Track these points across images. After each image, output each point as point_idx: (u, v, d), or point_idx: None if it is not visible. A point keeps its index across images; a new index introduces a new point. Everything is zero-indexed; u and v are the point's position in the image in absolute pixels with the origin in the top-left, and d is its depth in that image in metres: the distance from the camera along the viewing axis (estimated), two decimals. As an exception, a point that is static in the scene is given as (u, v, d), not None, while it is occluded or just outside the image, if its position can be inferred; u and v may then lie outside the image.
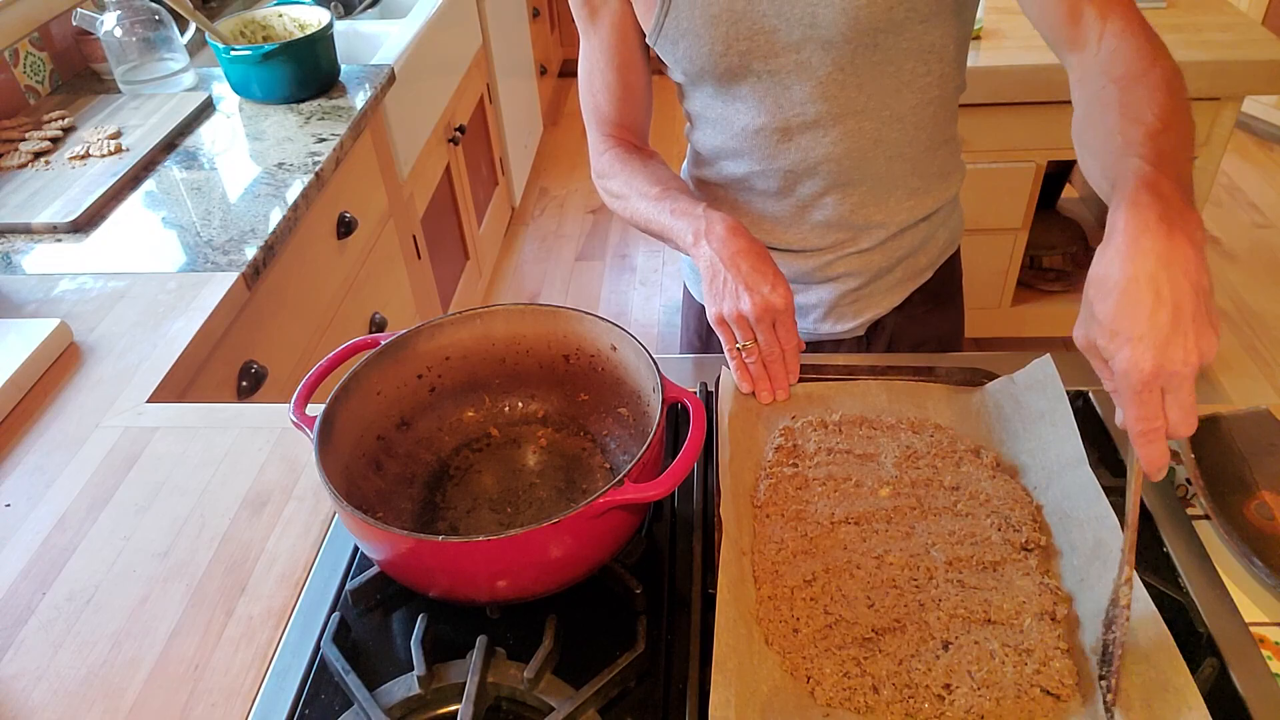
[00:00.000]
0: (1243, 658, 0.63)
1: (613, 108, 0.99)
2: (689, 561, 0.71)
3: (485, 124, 2.68)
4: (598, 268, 2.89)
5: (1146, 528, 0.73)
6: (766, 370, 0.83)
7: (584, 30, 0.96)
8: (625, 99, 0.98)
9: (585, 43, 0.97)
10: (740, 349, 0.82)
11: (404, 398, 0.79)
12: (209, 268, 1.15)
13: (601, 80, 0.97)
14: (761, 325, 0.80)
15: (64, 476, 0.85)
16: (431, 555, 0.62)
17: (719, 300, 0.82)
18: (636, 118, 1.00)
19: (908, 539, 0.71)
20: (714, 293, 0.82)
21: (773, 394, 0.84)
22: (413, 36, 1.93)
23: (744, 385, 0.84)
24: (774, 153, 0.93)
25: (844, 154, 0.92)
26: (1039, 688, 0.60)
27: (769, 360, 0.82)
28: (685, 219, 0.86)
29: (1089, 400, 0.86)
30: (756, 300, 0.79)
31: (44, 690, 0.67)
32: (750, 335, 0.81)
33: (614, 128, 1.00)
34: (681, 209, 0.87)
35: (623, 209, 0.97)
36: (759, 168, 0.95)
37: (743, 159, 0.96)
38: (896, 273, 1.04)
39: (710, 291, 0.83)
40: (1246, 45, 1.79)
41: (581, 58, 0.98)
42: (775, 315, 0.80)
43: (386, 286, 1.76)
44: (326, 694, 0.65)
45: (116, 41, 1.58)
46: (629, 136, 1.00)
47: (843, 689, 0.61)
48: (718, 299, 0.82)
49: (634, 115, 1.00)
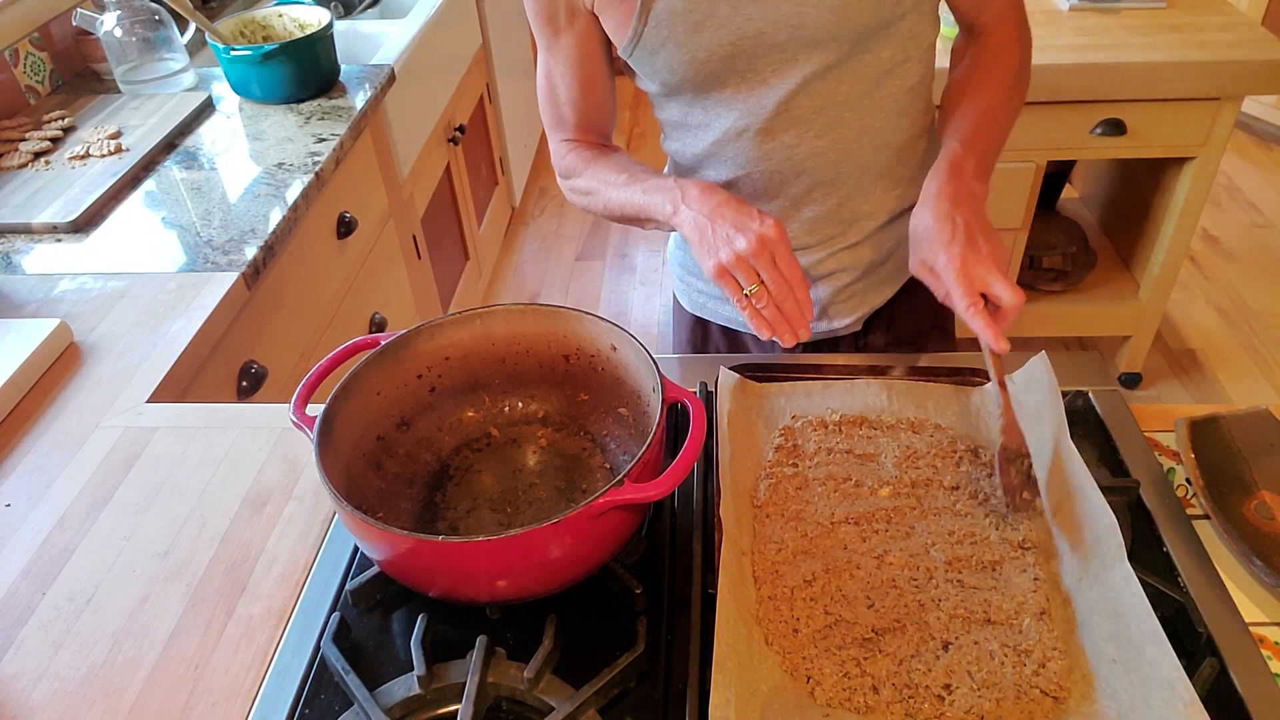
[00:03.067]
0: (1243, 658, 0.63)
1: (575, 117, 0.97)
2: (689, 561, 0.71)
3: (485, 124, 2.68)
4: (598, 268, 2.89)
5: (1147, 528, 0.73)
6: (780, 311, 0.80)
7: (545, 44, 0.93)
8: (589, 108, 0.97)
9: (545, 55, 0.94)
10: (748, 294, 0.80)
11: (404, 398, 0.79)
12: (209, 268, 1.15)
13: (566, 93, 0.95)
14: (760, 260, 0.78)
15: (64, 476, 0.85)
16: (431, 555, 0.62)
17: (714, 252, 0.80)
18: (601, 122, 0.99)
19: (908, 539, 0.71)
20: (706, 247, 0.81)
21: (795, 335, 0.80)
22: (413, 36, 1.93)
23: (763, 332, 0.81)
24: (757, 155, 0.92)
25: (828, 147, 0.92)
26: (1038, 689, 0.60)
27: (780, 299, 0.79)
28: (660, 194, 0.86)
29: (1089, 399, 0.86)
30: (750, 237, 0.78)
31: (44, 690, 0.67)
32: (753, 277, 0.79)
33: (577, 133, 0.99)
34: (654, 185, 0.87)
35: (593, 204, 0.96)
36: (743, 171, 0.94)
37: (725, 164, 0.94)
38: (889, 265, 1.04)
39: (702, 249, 0.81)
40: (1246, 45, 1.79)
41: (540, 68, 0.96)
42: (772, 248, 0.78)
43: (386, 286, 1.76)
44: (326, 694, 0.65)
45: (116, 41, 1.58)
46: (591, 139, 1.00)
47: (843, 689, 0.61)
48: (712, 251, 0.80)
49: (598, 120, 0.99)
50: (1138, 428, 0.82)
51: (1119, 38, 1.82)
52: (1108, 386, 0.87)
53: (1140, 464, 0.79)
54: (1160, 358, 2.34)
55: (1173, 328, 2.43)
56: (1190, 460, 0.76)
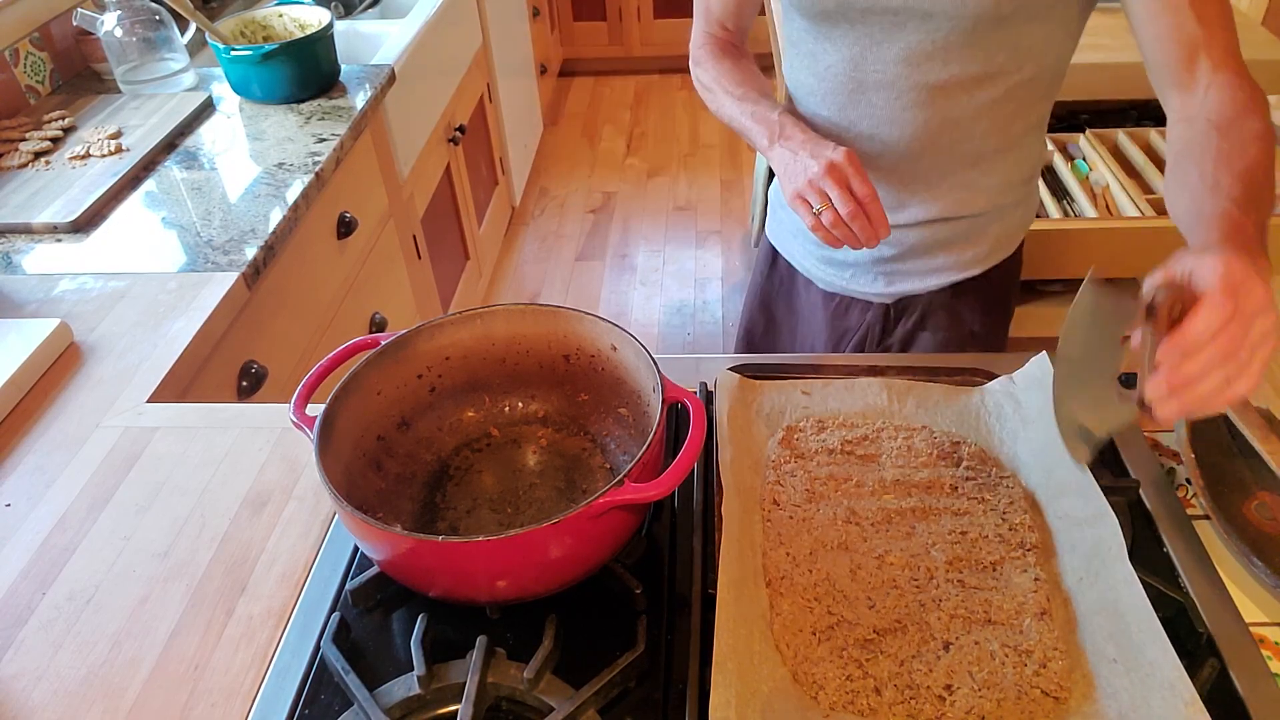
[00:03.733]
0: (1243, 658, 0.63)
1: (721, 11, 1.06)
2: (689, 561, 0.71)
3: (485, 124, 2.68)
4: (598, 268, 2.89)
5: (1147, 528, 0.73)
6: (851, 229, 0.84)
7: None
8: (734, 6, 1.05)
9: None
10: (816, 213, 0.84)
11: (404, 398, 0.79)
12: (209, 268, 1.15)
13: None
14: (829, 180, 0.83)
15: (64, 476, 0.85)
16: (431, 555, 0.62)
17: (793, 180, 0.86)
18: (740, 22, 1.07)
19: (908, 539, 0.71)
20: (789, 176, 0.87)
21: (862, 242, 0.85)
22: (413, 36, 1.93)
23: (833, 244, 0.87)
24: (845, 102, 0.96)
25: (910, 124, 0.94)
26: (1039, 689, 0.60)
27: (850, 216, 0.83)
28: (762, 124, 0.93)
29: (1089, 400, 0.86)
30: (821, 161, 0.84)
31: (44, 690, 0.67)
32: (823, 199, 0.84)
33: (717, 26, 1.07)
34: (760, 114, 0.94)
35: (709, 100, 1.04)
36: (826, 113, 0.99)
37: (818, 99, 0.99)
38: (938, 258, 1.05)
39: (785, 178, 0.88)
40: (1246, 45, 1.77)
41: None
42: (841, 171, 0.83)
43: (386, 286, 1.76)
44: (326, 694, 0.65)
45: (117, 41, 1.58)
46: (729, 36, 1.07)
47: (845, 692, 0.61)
48: (793, 179, 0.86)
49: (739, 20, 1.07)
50: (1138, 427, 0.82)
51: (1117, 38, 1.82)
52: (1108, 386, 0.87)
53: (1140, 464, 0.79)
54: (1160, 358, 2.34)
55: (1173, 328, 2.43)
56: (1190, 460, 0.76)
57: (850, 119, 0.97)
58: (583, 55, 3.94)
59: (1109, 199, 1.93)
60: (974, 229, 1.04)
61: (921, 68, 0.90)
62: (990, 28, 0.86)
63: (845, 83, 0.95)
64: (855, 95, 0.95)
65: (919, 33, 0.88)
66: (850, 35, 0.92)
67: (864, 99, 0.95)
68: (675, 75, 3.88)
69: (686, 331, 2.61)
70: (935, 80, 0.90)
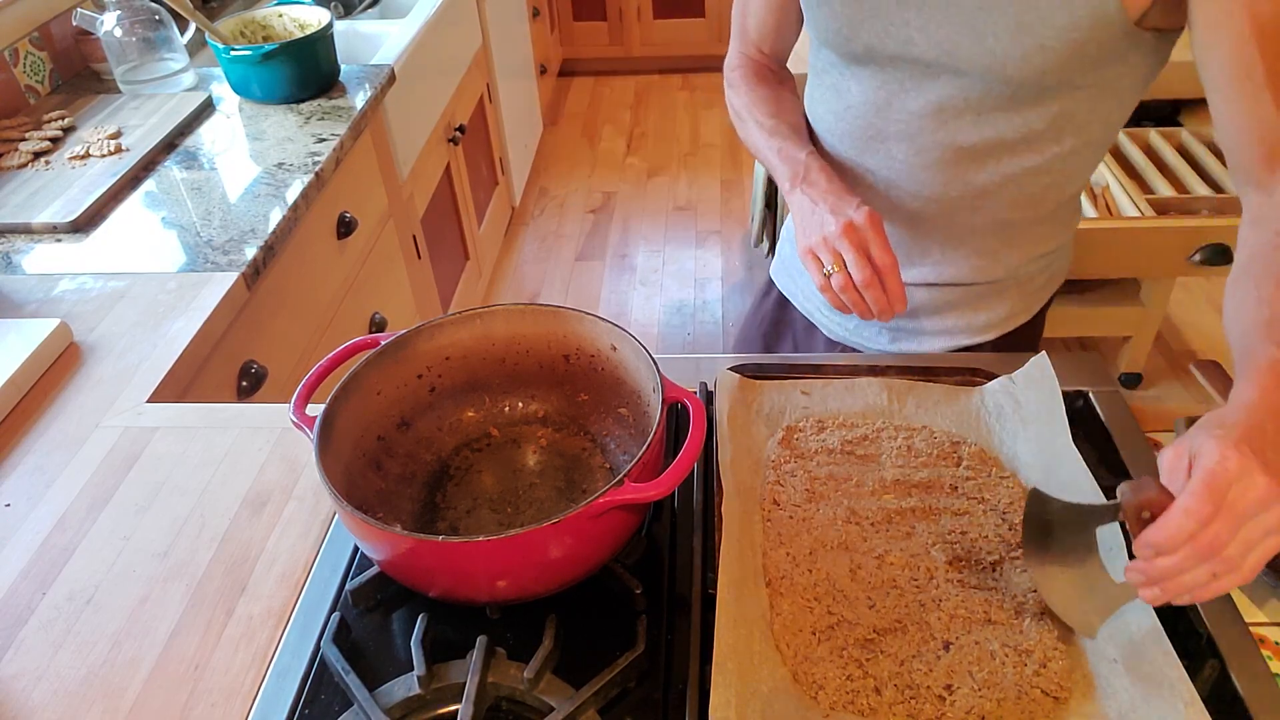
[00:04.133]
0: (1243, 658, 0.63)
1: (758, 31, 1.01)
2: (689, 561, 0.71)
3: (485, 124, 2.68)
4: (598, 268, 2.89)
5: (1146, 528, 0.73)
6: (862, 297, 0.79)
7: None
8: (772, 30, 1.00)
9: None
10: (826, 275, 0.80)
11: (404, 398, 0.79)
12: (209, 268, 1.15)
13: (755, 11, 0.99)
14: (845, 241, 0.78)
15: (64, 476, 0.85)
16: (431, 555, 0.62)
17: (808, 234, 0.82)
18: (777, 47, 1.02)
19: (908, 539, 0.71)
20: (805, 228, 0.83)
21: (874, 314, 0.79)
22: (413, 36, 1.93)
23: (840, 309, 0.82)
24: (865, 148, 0.91)
25: (928, 182, 0.88)
26: (1039, 689, 0.60)
27: (863, 285, 0.78)
28: (788, 163, 0.88)
29: (1089, 399, 0.86)
30: (840, 220, 0.79)
31: (44, 690, 0.67)
32: (836, 260, 0.78)
33: (754, 48, 1.02)
34: (788, 152, 0.89)
35: (739, 127, 1.00)
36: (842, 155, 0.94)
37: (836, 137, 0.94)
38: (948, 320, 0.99)
39: (801, 229, 0.83)
40: None
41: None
42: (860, 235, 0.78)
43: (386, 286, 1.76)
44: (326, 694, 0.65)
45: (116, 41, 1.58)
46: (765, 60, 1.03)
47: (845, 692, 0.61)
48: (807, 233, 0.82)
49: (776, 45, 1.02)
50: (1138, 428, 0.82)
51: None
52: (1108, 387, 0.87)
53: (1140, 464, 0.79)
54: (1160, 358, 2.34)
55: (1173, 328, 2.43)
56: (1190, 460, 0.76)
57: (867, 166, 0.91)
58: (583, 55, 3.94)
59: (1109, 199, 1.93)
60: (990, 294, 0.97)
61: (949, 125, 0.83)
62: (1031, 94, 0.79)
63: (865, 128, 0.89)
64: (874, 143, 0.89)
65: (951, 88, 0.81)
66: (878, 77, 0.85)
67: (883, 148, 0.89)
68: (675, 75, 3.87)
69: (686, 331, 2.61)
70: (962, 142, 0.84)
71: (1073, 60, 0.75)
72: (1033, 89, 0.78)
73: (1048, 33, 0.73)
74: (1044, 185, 0.87)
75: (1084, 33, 0.73)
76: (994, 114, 0.81)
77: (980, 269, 0.95)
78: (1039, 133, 0.82)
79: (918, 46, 0.80)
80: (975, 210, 0.90)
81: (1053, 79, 0.77)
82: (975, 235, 0.92)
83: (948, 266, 0.95)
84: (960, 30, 0.77)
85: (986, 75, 0.78)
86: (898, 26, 0.80)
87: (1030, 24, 0.73)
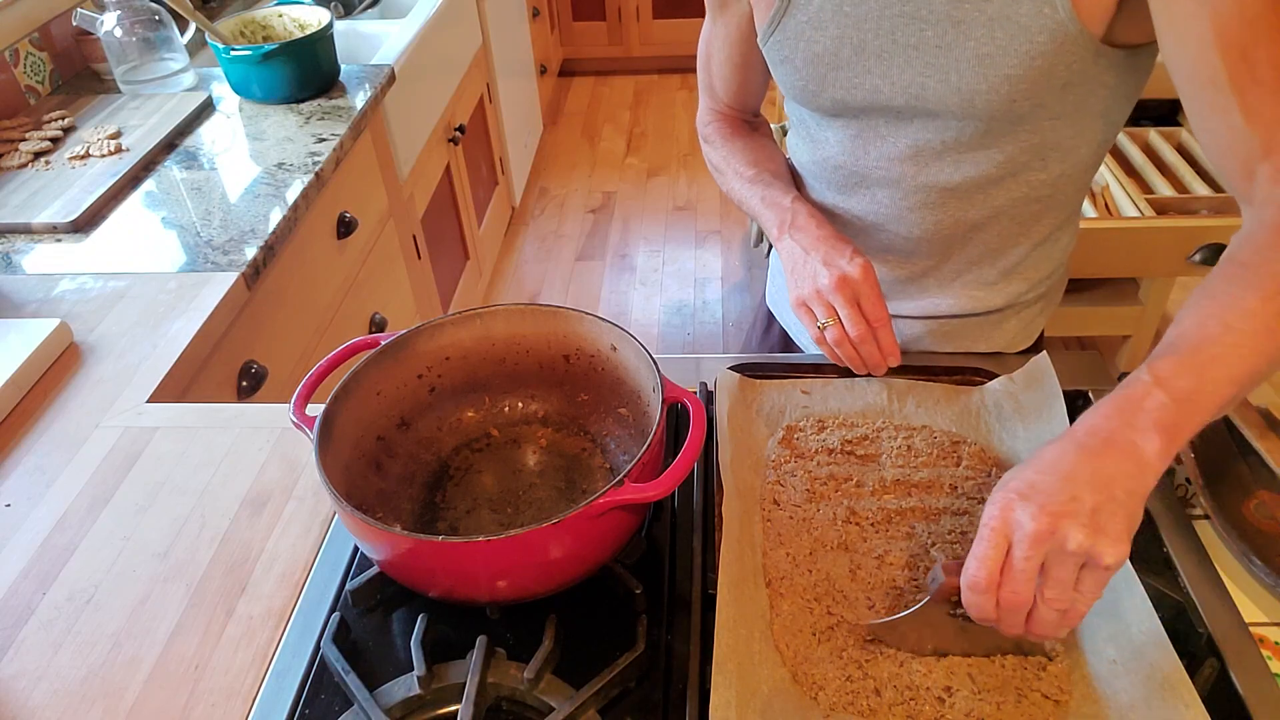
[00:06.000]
0: (1243, 658, 0.63)
1: (725, 90, 1.00)
2: (689, 561, 0.71)
3: (485, 124, 2.68)
4: (598, 268, 2.89)
5: (1147, 528, 0.73)
6: (857, 351, 0.80)
7: (710, 14, 0.95)
8: (738, 88, 0.99)
9: (709, 24, 0.96)
10: (821, 327, 0.80)
11: (404, 398, 0.79)
12: (209, 268, 1.15)
13: (719, 67, 0.98)
14: (839, 296, 0.78)
15: (64, 476, 0.85)
16: (431, 555, 0.62)
17: (800, 285, 0.81)
18: (746, 101, 1.02)
19: (908, 539, 0.71)
20: (796, 278, 0.82)
21: (868, 368, 0.81)
22: (413, 36, 1.93)
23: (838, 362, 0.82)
24: (848, 194, 0.90)
25: (917, 223, 0.87)
26: (1039, 692, 0.60)
27: (858, 340, 0.79)
28: (773, 210, 0.87)
29: (1089, 399, 0.86)
30: (833, 273, 0.78)
31: (44, 690, 0.67)
32: (829, 313, 0.79)
33: (723, 105, 1.02)
34: (772, 199, 0.88)
35: (720, 180, 0.99)
36: (830, 200, 0.92)
37: (821, 184, 0.93)
38: (946, 350, 0.98)
39: (792, 278, 0.82)
40: None
41: (703, 33, 0.98)
42: (854, 287, 0.77)
43: (386, 286, 1.76)
44: (326, 694, 0.65)
45: (116, 41, 1.58)
46: (736, 114, 1.02)
47: (845, 693, 0.61)
48: (799, 284, 0.81)
49: (744, 100, 1.01)
50: (1138, 428, 0.82)
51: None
52: (1108, 386, 0.87)
53: (1140, 464, 0.79)
54: (1160, 358, 2.34)
55: (1173, 328, 2.43)
56: (1190, 460, 0.76)
57: (853, 210, 0.90)
58: (582, 55, 3.94)
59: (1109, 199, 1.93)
60: (988, 324, 0.96)
61: (930, 168, 0.82)
62: (1005, 127, 0.77)
63: (847, 176, 0.88)
64: (857, 189, 0.88)
65: (926, 131, 0.80)
66: (852, 127, 0.84)
67: (867, 193, 0.88)
68: (675, 75, 3.87)
69: (686, 331, 2.61)
70: (944, 182, 0.83)
71: (1041, 86, 0.73)
72: (1006, 120, 0.77)
73: (1011, 61, 0.72)
74: (1035, 213, 0.86)
75: (1048, 58, 0.71)
76: (973, 152, 0.80)
77: (979, 300, 0.94)
78: (1022, 164, 0.81)
79: (885, 95, 0.80)
80: (968, 243, 0.89)
81: (1024, 107, 0.75)
82: (971, 267, 0.92)
83: (945, 299, 0.94)
84: (924, 72, 0.76)
85: (958, 113, 0.77)
86: (861, 77, 0.79)
87: (991, 55, 0.72)
